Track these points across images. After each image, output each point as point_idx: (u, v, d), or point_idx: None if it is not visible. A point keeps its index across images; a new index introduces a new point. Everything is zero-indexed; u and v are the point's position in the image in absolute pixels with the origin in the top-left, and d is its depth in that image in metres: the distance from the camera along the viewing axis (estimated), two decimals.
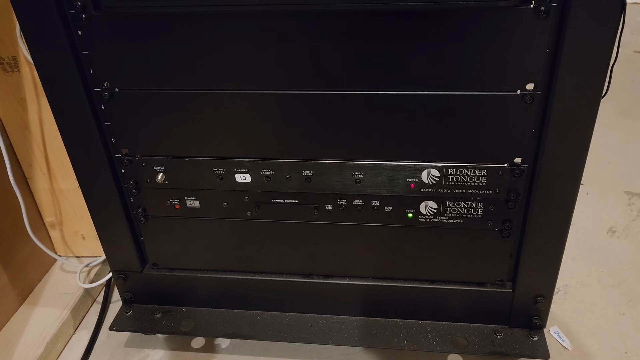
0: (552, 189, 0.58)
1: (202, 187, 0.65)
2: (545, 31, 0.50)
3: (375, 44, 0.53)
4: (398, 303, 0.71)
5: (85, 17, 0.54)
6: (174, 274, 0.74)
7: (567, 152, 0.56)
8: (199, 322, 0.74)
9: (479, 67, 0.53)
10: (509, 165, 0.59)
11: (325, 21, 0.52)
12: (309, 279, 0.71)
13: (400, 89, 0.55)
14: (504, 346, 0.69)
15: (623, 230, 0.99)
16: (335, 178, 0.62)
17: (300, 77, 0.56)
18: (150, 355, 0.78)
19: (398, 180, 0.61)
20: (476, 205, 0.62)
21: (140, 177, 0.65)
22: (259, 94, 0.58)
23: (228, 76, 0.57)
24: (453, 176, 0.60)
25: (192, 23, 0.54)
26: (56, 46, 0.56)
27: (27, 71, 0.73)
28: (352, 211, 0.64)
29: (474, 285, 0.69)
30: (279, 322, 0.73)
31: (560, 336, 0.77)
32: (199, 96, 0.58)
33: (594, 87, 0.52)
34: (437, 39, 0.52)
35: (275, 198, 0.65)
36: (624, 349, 0.76)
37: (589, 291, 0.86)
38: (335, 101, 0.57)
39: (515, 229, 0.63)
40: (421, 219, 0.64)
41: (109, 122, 0.61)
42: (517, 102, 0.54)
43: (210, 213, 0.67)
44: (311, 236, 0.68)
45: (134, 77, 0.58)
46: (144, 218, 0.69)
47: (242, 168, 0.63)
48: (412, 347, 0.69)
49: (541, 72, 0.52)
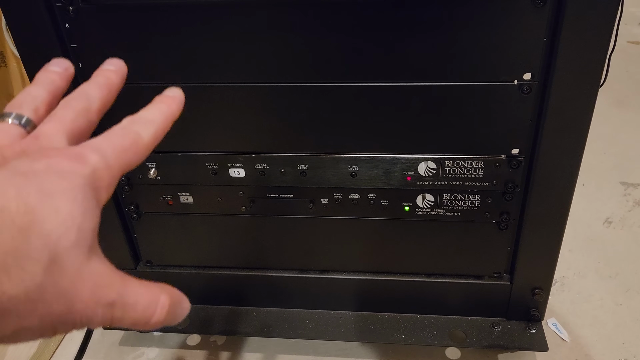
0: (550, 181, 0.58)
1: (196, 182, 0.64)
2: (542, 20, 0.49)
3: (369, 35, 0.52)
4: (395, 297, 0.71)
5: (72, 10, 0.53)
6: (168, 271, 0.73)
7: (565, 143, 0.55)
8: (194, 320, 0.74)
9: (476, 57, 0.52)
10: (506, 157, 0.58)
11: (318, 11, 0.51)
12: (305, 274, 0.71)
13: (396, 80, 0.54)
14: (502, 339, 0.68)
15: (619, 221, 0.99)
16: (331, 172, 0.61)
17: (293, 70, 0.55)
18: (145, 354, 0.77)
19: (394, 173, 0.60)
20: (473, 198, 0.61)
21: (132, 173, 0.64)
22: (252, 87, 0.57)
23: (221, 69, 0.56)
24: (450, 168, 0.59)
25: (182, 15, 0.52)
26: (43, 40, 0.54)
27: (14, 66, 0.72)
28: (348, 205, 0.64)
29: (471, 278, 0.68)
30: (275, 318, 0.73)
31: (558, 328, 0.77)
32: (190, 90, 0.57)
33: (592, 76, 0.51)
34: (433, 28, 0.51)
35: (270, 193, 0.64)
36: (622, 340, 0.75)
37: (586, 282, 0.86)
38: (330, 93, 0.56)
39: (513, 221, 0.62)
40: (418, 212, 0.63)
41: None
42: (514, 93, 0.53)
43: (204, 209, 0.66)
44: (307, 231, 0.67)
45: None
46: (136, 215, 0.68)
47: (236, 163, 0.62)
48: (409, 341, 0.69)
49: (538, 62, 0.52)
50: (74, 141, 0.27)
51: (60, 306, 0.22)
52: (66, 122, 0.27)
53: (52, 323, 0.22)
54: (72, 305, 0.22)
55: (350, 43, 0.53)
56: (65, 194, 0.22)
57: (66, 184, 0.22)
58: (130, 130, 0.27)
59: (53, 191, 0.22)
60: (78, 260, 0.22)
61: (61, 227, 0.21)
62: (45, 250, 0.21)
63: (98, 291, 0.23)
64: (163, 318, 0.26)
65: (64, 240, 0.21)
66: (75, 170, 0.23)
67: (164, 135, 0.29)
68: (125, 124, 0.28)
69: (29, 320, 0.21)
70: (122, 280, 0.24)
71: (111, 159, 0.25)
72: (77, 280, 0.22)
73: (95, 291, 0.23)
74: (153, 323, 0.25)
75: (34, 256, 0.21)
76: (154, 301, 0.25)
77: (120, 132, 0.27)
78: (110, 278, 0.24)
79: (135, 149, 0.27)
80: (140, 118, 0.28)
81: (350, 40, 0.52)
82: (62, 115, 0.27)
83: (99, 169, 0.24)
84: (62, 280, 0.22)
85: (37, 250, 0.21)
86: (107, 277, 0.24)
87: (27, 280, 0.20)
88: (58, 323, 0.22)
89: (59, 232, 0.21)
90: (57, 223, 0.21)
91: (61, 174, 0.23)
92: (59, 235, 0.21)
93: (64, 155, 0.24)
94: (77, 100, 0.28)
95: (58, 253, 0.21)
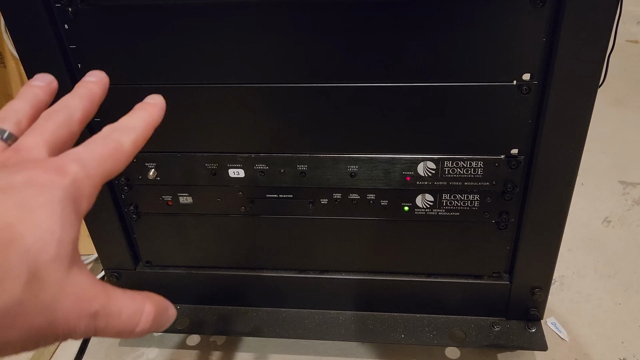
0: (549, 180, 0.58)
1: (195, 183, 0.64)
2: (541, 21, 0.49)
3: (368, 35, 0.52)
4: (395, 297, 0.71)
5: (71, 11, 0.53)
6: (168, 271, 0.73)
7: (564, 143, 0.55)
8: (193, 320, 0.74)
9: (475, 57, 0.52)
10: (505, 157, 0.58)
11: (317, 12, 0.51)
12: (305, 274, 0.71)
13: (395, 80, 0.54)
14: (502, 338, 0.68)
15: (618, 220, 1.00)
16: (330, 172, 0.61)
17: (293, 70, 0.55)
18: (145, 354, 0.77)
19: (394, 173, 0.60)
20: (473, 198, 0.61)
21: (131, 174, 0.64)
22: (251, 88, 0.56)
23: (220, 70, 0.56)
24: (449, 168, 0.59)
25: (180, 16, 0.52)
26: (42, 41, 0.54)
27: (13, 67, 0.71)
28: (348, 205, 0.64)
29: (471, 278, 0.68)
30: (275, 318, 0.73)
31: (558, 327, 0.77)
32: (189, 91, 0.57)
33: (591, 76, 0.51)
34: (432, 29, 0.51)
35: (269, 193, 0.64)
36: (621, 339, 0.76)
37: (585, 282, 0.86)
38: (329, 94, 0.56)
39: (512, 220, 0.63)
40: (417, 212, 0.63)
41: (98, 118, 0.60)
42: (513, 93, 0.53)
43: (203, 209, 0.66)
44: (306, 231, 0.67)
45: (122, 72, 0.57)
46: (136, 215, 0.68)
47: (236, 163, 0.62)
48: (409, 341, 0.69)
49: (537, 62, 0.52)
50: (56, 152, 0.27)
51: (42, 320, 0.22)
52: (47, 133, 0.27)
53: (34, 336, 0.22)
54: (54, 318, 0.22)
55: (349, 43, 0.53)
56: (44, 208, 0.22)
57: (45, 197, 0.22)
58: (111, 139, 0.27)
59: (32, 206, 0.22)
60: (59, 274, 0.22)
61: (40, 242, 0.21)
62: (24, 266, 0.21)
63: (80, 303, 0.23)
64: (148, 326, 0.26)
65: (44, 254, 0.21)
66: (55, 183, 0.23)
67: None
68: (106, 133, 0.27)
69: (8, 333, 0.21)
70: (105, 291, 0.24)
71: (92, 168, 0.25)
72: (59, 294, 0.22)
73: (77, 303, 0.23)
74: (138, 332, 0.25)
75: (13, 272, 0.21)
76: (139, 310, 0.25)
77: (101, 141, 0.27)
78: (92, 289, 0.24)
79: (116, 156, 0.27)
80: (121, 126, 0.28)
81: (349, 40, 0.52)
82: (43, 126, 0.27)
83: (79, 178, 0.24)
84: (43, 295, 0.22)
85: (16, 266, 0.21)
86: (89, 288, 0.24)
87: (5, 296, 0.20)
88: (39, 336, 0.22)
89: (38, 247, 0.21)
90: (36, 238, 0.21)
91: (40, 187, 0.23)
92: (38, 250, 0.21)
93: (42, 168, 0.24)
94: (59, 112, 0.28)
95: (38, 268, 0.21)
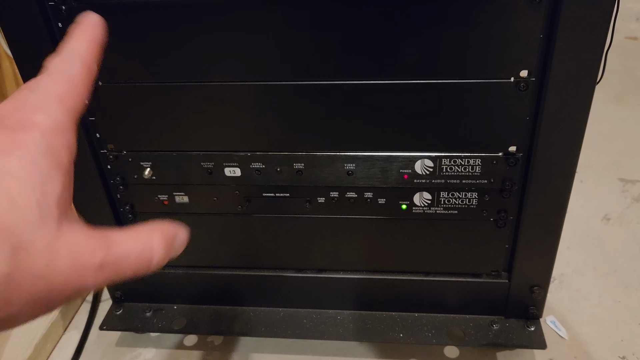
0: (548, 178, 0.58)
1: (191, 182, 0.64)
2: (539, 17, 0.49)
3: (364, 32, 0.51)
4: (393, 296, 0.71)
5: (65, 9, 0.52)
6: (164, 271, 0.72)
7: (562, 140, 0.55)
8: (190, 320, 0.73)
9: (472, 54, 0.52)
10: (503, 154, 0.58)
11: (312, 8, 0.51)
12: (302, 274, 0.70)
13: (392, 78, 0.54)
14: (501, 337, 0.68)
15: (617, 218, 0.99)
16: (327, 170, 0.61)
17: (289, 68, 0.55)
18: (142, 354, 0.77)
19: (391, 171, 0.60)
20: (471, 196, 0.61)
21: (127, 173, 0.64)
22: (247, 86, 0.56)
23: (216, 68, 0.55)
24: (447, 166, 0.59)
25: (176, 14, 0.52)
26: (36, 40, 0.54)
27: (7, 66, 0.71)
28: (345, 204, 0.63)
29: (469, 276, 0.68)
30: (273, 318, 0.72)
31: (557, 325, 0.77)
32: (185, 89, 0.57)
33: (589, 73, 0.51)
34: (428, 25, 0.50)
35: (266, 192, 0.64)
36: (620, 337, 0.75)
37: (585, 280, 0.86)
38: (326, 92, 0.55)
39: (511, 218, 0.62)
40: (415, 211, 0.63)
41: (93, 117, 0.60)
42: (511, 90, 0.53)
43: (200, 208, 0.66)
44: (303, 230, 0.67)
45: (117, 70, 0.56)
46: (132, 215, 0.67)
47: (232, 162, 0.61)
48: (408, 340, 0.69)
49: (535, 58, 0.51)
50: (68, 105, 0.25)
51: (40, 288, 0.21)
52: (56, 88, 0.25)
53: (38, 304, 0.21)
54: (53, 283, 0.21)
55: (346, 41, 0.52)
56: (16, 174, 0.21)
57: (14, 161, 0.21)
58: (60, 73, 0.25)
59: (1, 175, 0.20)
60: (46, 239, 0.21)
61: (17, 212, 0.20)
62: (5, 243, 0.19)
63: (79, 260, 0.22)
64: (162, 257, 0.25)
65: (24, 223, 0.20)
66: (22, 142, 0.21)
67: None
68: (50, 69, 0.25)
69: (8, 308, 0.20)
70: (104, 239, 0.23)
71: (56, 113, 0.23)
72: (51, 259, 0.21)
73: (75, 262, 0.22)
74: (154, 265, 0.25)
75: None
76: (147, 246, 0.24)
77: (50, 80, 0.25)
78: (89, 242, 0.23)
79: (72, 89, 0.25)
80: (62, 56, 0.26)
81: (345, 38, 0.52)
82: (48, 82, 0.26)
83: (48, 128, 0.22)
84: (33, 264, 0.20)
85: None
86: (86, 242, 0.22)
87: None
88: (44, 302, 0.21)
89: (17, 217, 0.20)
90: (13, 208, 0.20)
91: (7, 152, 0.21)
92: (17, 220, 0.20)
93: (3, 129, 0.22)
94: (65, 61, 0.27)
95: (22, 239, 0.20)
